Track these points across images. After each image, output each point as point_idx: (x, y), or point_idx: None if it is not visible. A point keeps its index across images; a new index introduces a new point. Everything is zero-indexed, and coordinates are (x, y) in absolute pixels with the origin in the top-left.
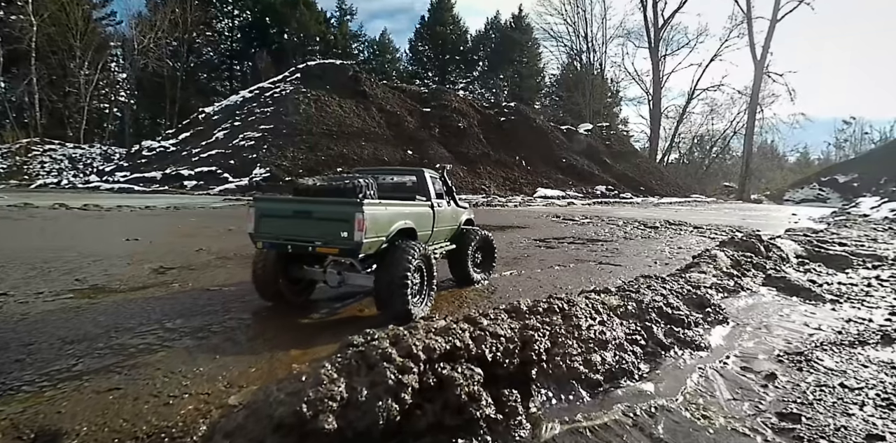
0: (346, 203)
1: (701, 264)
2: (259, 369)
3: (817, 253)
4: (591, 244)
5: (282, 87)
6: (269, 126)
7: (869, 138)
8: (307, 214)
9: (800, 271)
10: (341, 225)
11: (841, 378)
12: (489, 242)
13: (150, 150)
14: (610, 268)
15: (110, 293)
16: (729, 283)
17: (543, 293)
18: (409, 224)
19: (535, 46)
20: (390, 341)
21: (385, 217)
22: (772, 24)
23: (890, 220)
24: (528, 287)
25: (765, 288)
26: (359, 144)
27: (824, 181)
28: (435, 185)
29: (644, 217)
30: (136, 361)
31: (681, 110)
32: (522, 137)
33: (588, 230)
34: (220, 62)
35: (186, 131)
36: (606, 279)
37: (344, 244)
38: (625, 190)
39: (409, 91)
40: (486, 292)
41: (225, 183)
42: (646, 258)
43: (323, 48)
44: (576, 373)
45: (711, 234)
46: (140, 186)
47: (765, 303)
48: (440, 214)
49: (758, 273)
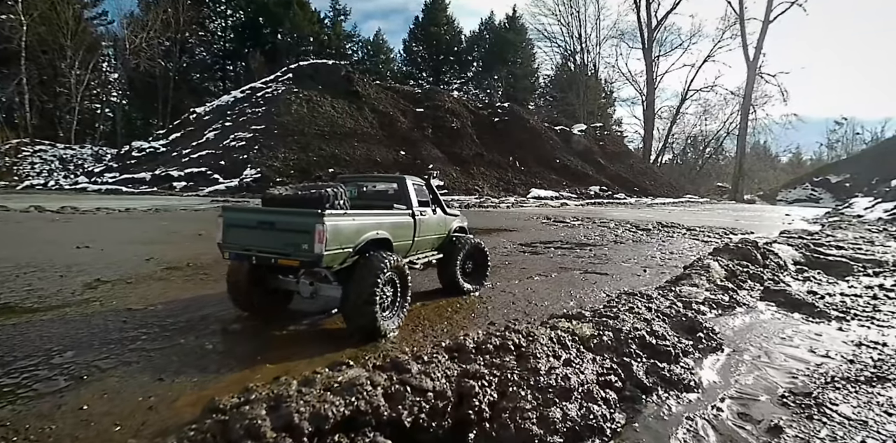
0: (306, 214)
1: (693, 276)
2: (127, 428)
3: (816, 259)
4: (579, 249)
5: (273, 88)
6: (261, 126)
7: (860, 139)
8: (270, 225)
9: (798, 280)
10: (302, 236)
11: (862, 433)
12: (481, 250)
13: (139, 150)
14: (595, 278)
15: (18, 314)
16: (723, 298)
17: (515, 312)
18: (382, 234)
19: (529, 47)
20: (267, 406)
21: (351, 228)
22: (764, 24)
23: (884, 221)
24: (499, 304)
25: (763, 303)
26: (351, 144)
27: (817, 181)
28: (419, 193)
29: (636, 219)
30: None
31: (674, 111)
32: (516, 137)
33: (578, 233)
34: (214, 62)
35: (177, 132)
36: (588, 292)
37: (304, 256)
38: (618, 190)
39: (403, 91)
40: (449, 311)
41: (215, 184)
42: (635, 265)
43: (316, 48)
44: (527, 435)
45: (704, 237)
46: (129, 187)
47: (763, 322)
48: (424, 222)
49: (755, 285)
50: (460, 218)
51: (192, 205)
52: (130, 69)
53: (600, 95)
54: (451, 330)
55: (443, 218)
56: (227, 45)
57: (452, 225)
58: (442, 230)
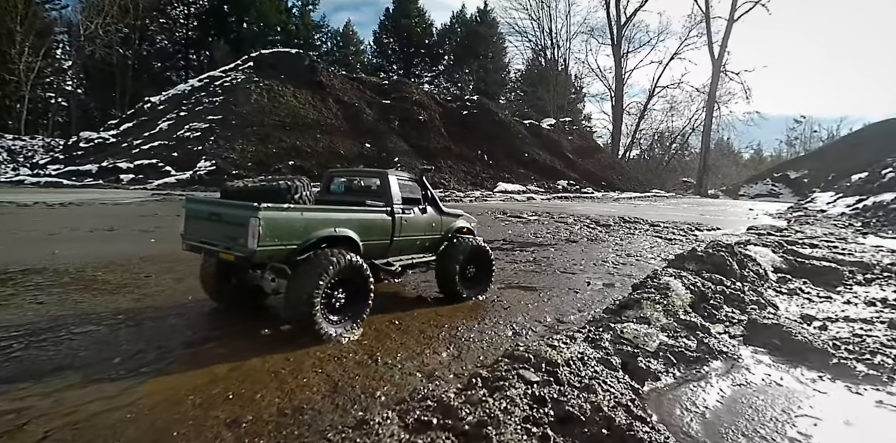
0: (244, 207)
1: (644, 303)
2: None
3: (799, 265)
4: (520, 251)
5: (233, 77)
6: (218, 117)
7: (818, 136)
8: (218, 217)
9: (784, 294)
10: (239, 230)
11: None
12: (483, 253)
13: (87, 141)
14: (514, 298)
15: None
16: (689, 342)
17: (343, 368)
18: (344, 232)
19: (500, 41)
20: None
21: (297, 223)
22: (729, 23)
23: (848, 215)
24: (328, 356)
25: (749, 349)
26: (313, 136)
27: (777, 177)
28: (406, 189)
29: (600, 213)
30: None
31: (642, 107)
32: (485, 131)
33: (529, 230)
34: (175, 51)
35: (129, 122)
36: (473, 340)
37: (240, 251)
38: (586, 185)
39: (369, 82)
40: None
41: (166, 176)
42: (579, 274)
43: (284, 39)
44: None
45: (668, 234)
46: (72, 179)
47: (753, 393)
48: (409, 221)
49: (733, 313)
50: (465, 218)
51: (124, 199)
52: (86, 57)
53: (570, 91)
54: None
55: (436, 217)
56: (189, 33)
57: (452, 225)
58: (435, 231)
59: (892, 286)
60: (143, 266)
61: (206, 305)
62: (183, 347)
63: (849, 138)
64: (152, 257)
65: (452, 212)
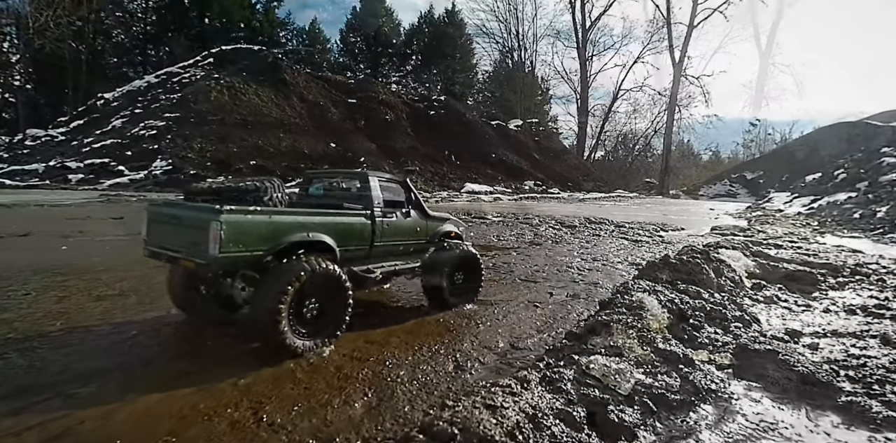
0: (204, 209)
1: (614, 328)
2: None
3: (772, 268)
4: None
5: (192, 73)
6: (176, 114)
7: (772, 139)
8: (178, 221)
9: (761, 302)
10: (200, 234)
11: None
12: (473, 259)
13: (34, 139)
14: (465, 315)
15: None
16: (671, 381)
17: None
18: (316, 237)
19: (468, 43)
20: None
21: (264, 227)
22: (689, 29)
23: (804, 215)
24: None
25: (740, 384)
26: (276, 135)
27: (734, 178)
28: (388, 192)
29: (565, 213)
30: None
31: (606, 109)
32: (452, 131)
33: (492, 232)
34: (133, 46)
35: (80, 119)
36: (406, 377)
37: (201, 257)
38: (553, 185)
39: (334, 81)
40: None
41: (118, 176)
42: (541, 283)
43: (248, 35)
44: None
45: (634, 235)
46: (15, 179)
47: None
48: (390, 225)
49: (716, 332)
50: (452, 222)
51: (64, 200)
52: (35, 50)
53: (537, 92)
54: None
55: (420, 222)
56: (148, 27)
57: (439, 230)
58: (420, 236)
59: (866, 291)
60: (31, 280)
61: (72, 334)
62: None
63: (800, 141)
64: (49, 269)
65: (439, 216)
